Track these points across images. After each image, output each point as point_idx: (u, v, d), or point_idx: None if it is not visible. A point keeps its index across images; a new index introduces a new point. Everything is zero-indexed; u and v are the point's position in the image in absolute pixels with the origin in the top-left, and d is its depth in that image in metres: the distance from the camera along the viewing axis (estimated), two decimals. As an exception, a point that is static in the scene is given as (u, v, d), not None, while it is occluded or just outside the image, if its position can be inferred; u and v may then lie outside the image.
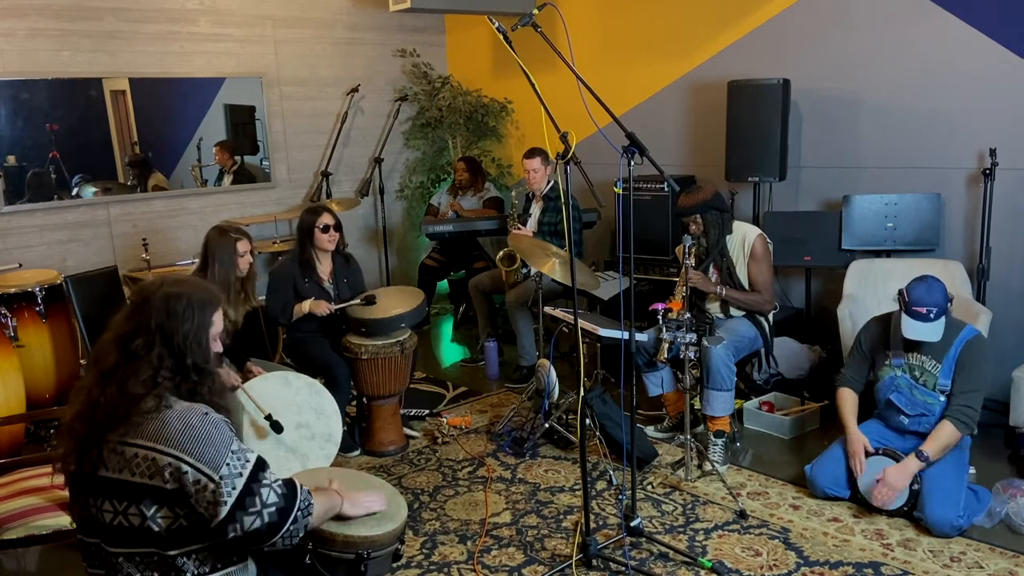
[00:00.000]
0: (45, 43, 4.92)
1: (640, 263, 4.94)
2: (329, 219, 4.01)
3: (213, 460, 1.76)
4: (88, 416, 1.83)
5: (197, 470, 1.75)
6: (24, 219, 4.96)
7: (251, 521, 1.78)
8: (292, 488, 1.88)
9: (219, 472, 1.76)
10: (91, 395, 1.85)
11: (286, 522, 1.83)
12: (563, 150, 2.62)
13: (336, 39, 6.22)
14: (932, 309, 3.12)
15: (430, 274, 6.09)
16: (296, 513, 1.85)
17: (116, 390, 1.81)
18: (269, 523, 1.80)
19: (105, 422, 1.80)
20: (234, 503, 1.76)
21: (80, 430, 1.84)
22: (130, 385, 1.81)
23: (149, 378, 1.82)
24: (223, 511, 1.75)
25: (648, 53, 5.46)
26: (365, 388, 3.96)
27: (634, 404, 3.13)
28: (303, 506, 1.87)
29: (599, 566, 2.94)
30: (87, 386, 1.88)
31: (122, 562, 1.82)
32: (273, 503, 1.81)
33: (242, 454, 1.82)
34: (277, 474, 1.89)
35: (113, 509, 1.80)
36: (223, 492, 1.75)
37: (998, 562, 2.90)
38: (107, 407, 1.81)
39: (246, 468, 1.80)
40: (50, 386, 4.26)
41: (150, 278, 4.69)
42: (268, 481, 1.84)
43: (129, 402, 1.80)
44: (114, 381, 1.83)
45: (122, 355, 1.85)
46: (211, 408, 1.86)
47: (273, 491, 1.83)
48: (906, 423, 3.29)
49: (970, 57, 4.10)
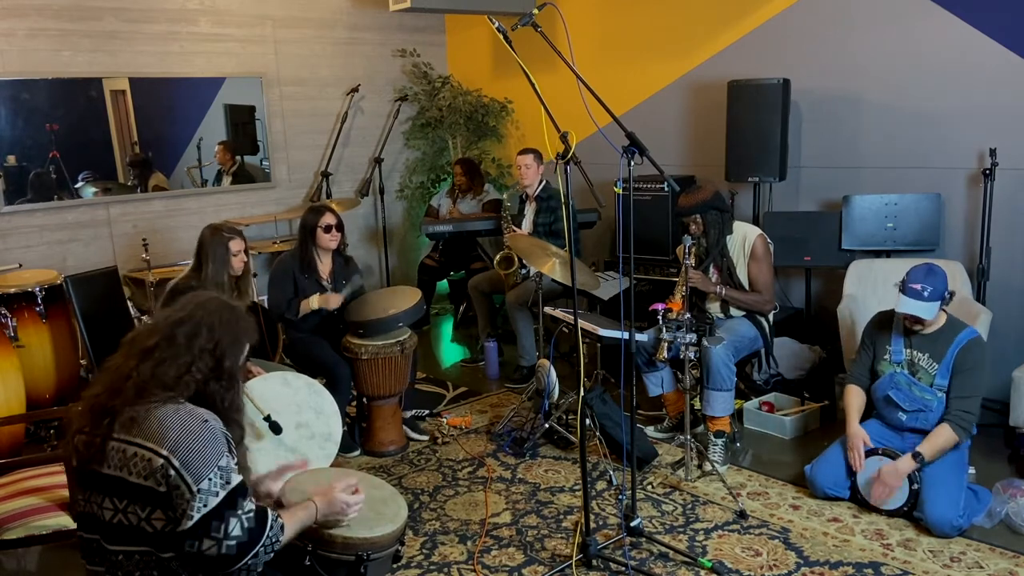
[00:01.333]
0: (45, 43, 4.92)
1: (640, 263, 4.94)
2: (332, 219, 4.02)
3: (197, 471, 1.75)
4: (115, 387, 1.85)
5: (179, 475, 1.74)
6: (24, 219, 4.96)
7: (208, 545, 1.76)
8: (262, 523, 1.84)
9: (198, 485, 1.75)
10: (122, 369, 1.87)
11: (244, 557, 1.80)
12: (563, 150, 2.62)
13: (336, 39, 6.22)
14: (927, 288, 3.14)
15: (430, 274, 6.09)
16: (259, 548, 1.81)
17: (150, 368, 1.84)
18: (224, 554, 1.78)
19: (128, 394, 1.82)
20: (199, 520, 1.75)
21: (100, 401, 1.85)
22: (164, 368, 1.84)
23: (185, 365, 1.86)
24: (187, 524, 1.75)
25: (648, 53, 5.46)
26: (365, 388, 3.96)
27: (634, 404, 3.13)
28: (268, 543, 1.84)
29: (599, 566, 2.94)
30: (120, 360, 1.90)
31: (122, 560, 1.82)
32: (235, 537, 1.78)
33: (226, 473, 1.80)
34: (252, 503, 1.85)
35: (113, 507, 1.80)
36: (194, 506, 1.74)
37: (998, 562, 2.90)
38: (136, 381, 1.83)
39: (224, 490, 1.78)
40: (50, 386, 4.26)
41: (151, 278, 4.70)
42: (241, 512, 1.81)
43: (158, 383, 1.83)
44: (150, 359, 1.86)
45: (164, 339, 1.89)
46: (213, 415, 1.86)
47: (241, 523, 1.80)
48: (904, 419, 3.30)
49: (970, 57, 4.10)
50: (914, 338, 3.30)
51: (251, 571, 1.83)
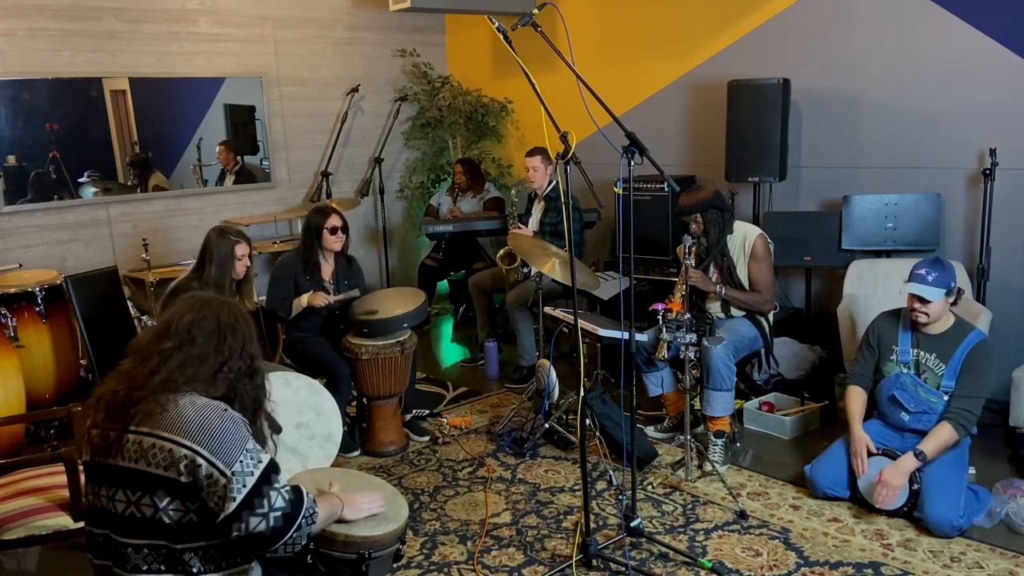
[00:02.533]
0: (45, 43, 4.92)
1: (640, 263, 4.94)
2: (337, 220, 4.04)
3: (228, 455, 1.78)
4: (135, 384, 1.85)
5: (211, 464, 1.77)
6: (24, 219, 4.96)
7: (256, 522, 1.79)
8: (299, 495, 1.88)
9: (232, 468, 1.78)
10: (141, 369, 1.87)
11: (290, 529, 1.83)
12: (563, 150, 2.62)
13: (336, 39, 6.22)
14: (932, 273, 3.15)
15: (430, 274, 6.09)
16: (301, 520, 1.85)
17: (176, 368, 1.86)
18: (274, 527, 1.81)
19: (156, 386, 1.84)
20: (242, 500, 1.77)
21: (120, 399, 1.85)
22: (192, 369, 1.87)
23: (218, 364, 1.90)
24: (231, 507, 1.77)
25: (648, 53, 5.46)
26: (365, 388, 3.96)
27: (634, 404, 3.13)
28: (308, 514, 1.88)
29: (599, 566, 2.94)
30: (136, 363, 1.90)
31: (131, 553, 1.83)
32: (280, 508, 1.82)
33: (256, 453, 1.84)
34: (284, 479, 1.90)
35: (126, 499, 1.82)
36: (234, 488, 1.77)
37: (998, 562, 2.90)
38: (164, 378, 1.85)
39: (258, 468, 1.82)
40: (50, 386, 4.26)
41: (151, 279, 4.71)
42: (278, 485, 1.85)
43: (187, 377, 1.85)
44: (174, 359, 1.87)
45: (185, 340, 1.90)
46: (230, 408, 1.89)
47: (281, 496, 1.84)
48: (907, 420, 3.29)
49: (970, 57, 4.10)
50: (921, 338, 3.30)
51: (295, 546, 1.86)
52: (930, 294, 3.14)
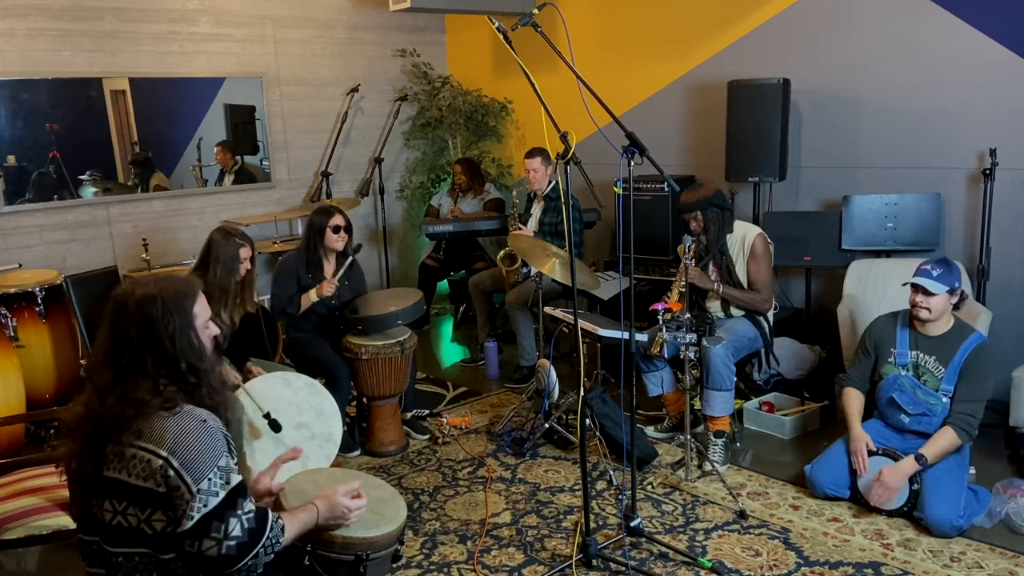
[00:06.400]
0: (45, 43, 4.93)
1: (640, 263, 4.94)
2: (341, 220, 4.04)
3: (197, 471, 1.74)
4: (92, 423, 1.82)
5: (179, 476, 1.74)
6: (24, 219, 4.96)
7: (208, 546, 1.76)
8: (262, 523, 1.83)
9: (198, 485, 1.74)
10: (91, 407, 1.83)
11: (244, 558, 1.79)
12: (563, 150, 2.62)
13: (336, 39, 6.22)
14: (938, 269, 3.17)
15: (430, 274, 6.09)
16: (258, 550, 1.80)
17: (116, 400, 1.80)
18: (225, 555, 1.77)
19: (111, 427, 1.79)
20: (199, 520, 1.74)
21: (83, 432, 1.83)
22: (133, 395, 1.80)
23: (151, 388, 1.81)
24: (187, 524, 1.74)
25: (648, 53, 5.46)
26: (365, 388, 3.96)
27: (634, 404, 3.13)
28: (268, 543, 1.83)
29: (599, 566, 2.94)
30: (86, 399, 1.86)
31: (122, 562, 1.82)
32: (235, 537, 1.77)
33: (226, 473, 1.79)
34: (252, 504, 1.84)
35: (113, 509, 1.80)
36: (194, 507, 1.74)
37: (998, 562, 2.90)
38: (111, 414, 1.80)
39: (224, 490, 1.78)
40: (50, 386, 4.27)
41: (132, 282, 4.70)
42: (241, 512, 1.79)
43: (135, 407, 1.79)
44: (112, 395, 1.81)
45: (115, 372, 1.83)
46: (211, 415, 1.84)
47: (241, 523, 1.79)
48: (906, 422, 3.29)
49: (970, 57, 4.10)
50: (920, 340, 3.30)
51: (251, 572, 1.82)
52: (933, 287, 3.16)
